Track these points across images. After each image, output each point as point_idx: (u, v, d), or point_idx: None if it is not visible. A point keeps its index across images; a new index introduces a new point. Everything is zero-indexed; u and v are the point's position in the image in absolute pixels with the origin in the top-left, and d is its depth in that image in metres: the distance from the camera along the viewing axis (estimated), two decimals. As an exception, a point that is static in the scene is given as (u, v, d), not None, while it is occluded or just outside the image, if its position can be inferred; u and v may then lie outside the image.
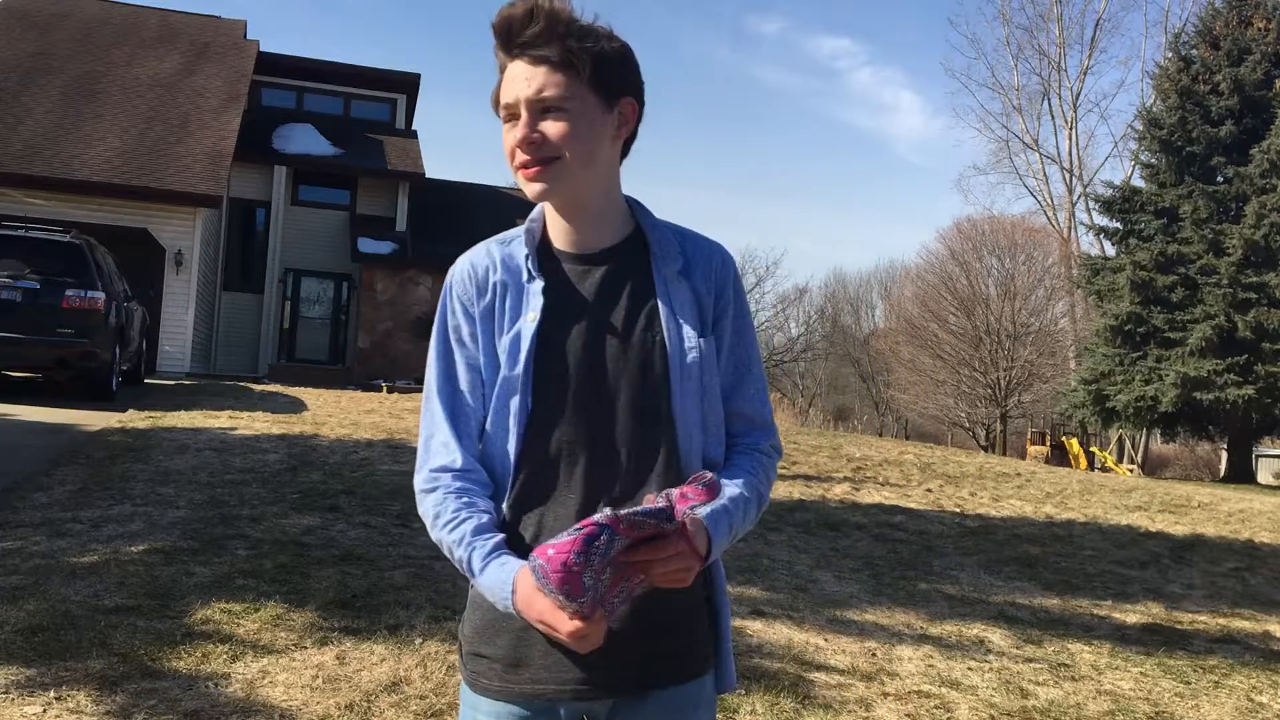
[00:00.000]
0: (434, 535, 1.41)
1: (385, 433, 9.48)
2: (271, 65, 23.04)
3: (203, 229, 17.89)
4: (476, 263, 1.48)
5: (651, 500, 1.28)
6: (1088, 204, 37.30)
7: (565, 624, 1.25)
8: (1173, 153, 27.24)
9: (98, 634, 3.69)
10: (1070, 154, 41.96)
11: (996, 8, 63.72)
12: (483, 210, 23.27)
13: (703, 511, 1.33)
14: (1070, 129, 41.93)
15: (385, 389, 17.21)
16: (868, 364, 50.49)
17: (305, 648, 3.75)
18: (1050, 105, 43.23)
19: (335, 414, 11.05)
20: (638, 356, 1.42)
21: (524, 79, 1.38)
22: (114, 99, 19.20)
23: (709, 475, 1.32)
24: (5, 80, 18.77)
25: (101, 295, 10.65)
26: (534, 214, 1.50)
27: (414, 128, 25.02)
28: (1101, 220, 30.31)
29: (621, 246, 1.47)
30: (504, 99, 1.41)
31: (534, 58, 1.38)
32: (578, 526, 1.22)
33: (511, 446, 1.41)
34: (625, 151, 1.48)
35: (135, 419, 9.34)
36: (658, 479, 1.40)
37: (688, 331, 1.44)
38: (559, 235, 1.48)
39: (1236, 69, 26.62)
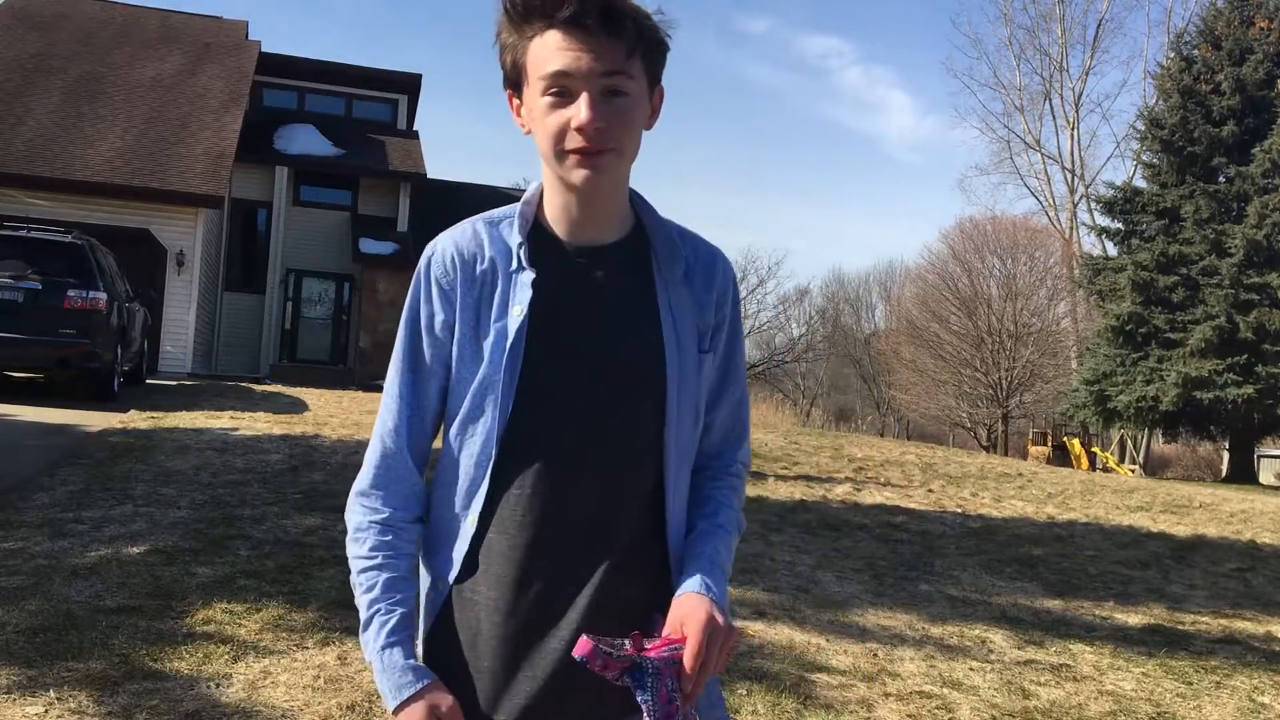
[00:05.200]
0: (348, 550, 1.37)
1: (387, 433, 9.46)
2: (273, 66, 23.04)
3: (204, 229, 17.89)
4: (461, 244, 1.33)
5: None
6: (1089, 204, 37.29)
7: None
8: (1174, 153, 27.22)
9: (99, 634, 3.69)
10: (1072, 154, 42.00)
11: (999, 8, 63.74)
12: (484, 211, 23.24)
13: (692, 582, 1.26)
14: (1072, 129, 41.97)
15: (387, 389, 17.19)
16: (869, 364, 50.50)
17: (307, 648, 3.75)
18: (1052, 105, 43.48)
19: (337, 414, 11.05)
20: (634, 365, 1.30)
21: (588, 52, 1.21)
22: (115, 99, 19.20)
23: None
24: (7, 81, 18.78)
25: (103, 296, 10.66)
26: (528, 194, 1.36)
27: (415, 128, 25.01)
28: (1103, 221, 30.33)
29: (623, 243, 1.35)
30: (550, 67, 1.22)
31: (600, 30, 1.21)
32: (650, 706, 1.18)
33: (486, 451, 1.28)
34: None
35: (137, 419, 9.34)
36: (640, 496, 1.31)
37: (688, 345, 1.33)
38: (560, 222, 1.33)
39: (1238, 69, 26.61)
